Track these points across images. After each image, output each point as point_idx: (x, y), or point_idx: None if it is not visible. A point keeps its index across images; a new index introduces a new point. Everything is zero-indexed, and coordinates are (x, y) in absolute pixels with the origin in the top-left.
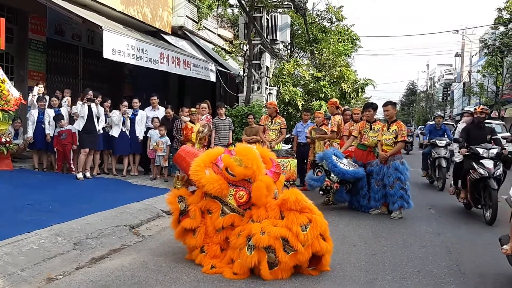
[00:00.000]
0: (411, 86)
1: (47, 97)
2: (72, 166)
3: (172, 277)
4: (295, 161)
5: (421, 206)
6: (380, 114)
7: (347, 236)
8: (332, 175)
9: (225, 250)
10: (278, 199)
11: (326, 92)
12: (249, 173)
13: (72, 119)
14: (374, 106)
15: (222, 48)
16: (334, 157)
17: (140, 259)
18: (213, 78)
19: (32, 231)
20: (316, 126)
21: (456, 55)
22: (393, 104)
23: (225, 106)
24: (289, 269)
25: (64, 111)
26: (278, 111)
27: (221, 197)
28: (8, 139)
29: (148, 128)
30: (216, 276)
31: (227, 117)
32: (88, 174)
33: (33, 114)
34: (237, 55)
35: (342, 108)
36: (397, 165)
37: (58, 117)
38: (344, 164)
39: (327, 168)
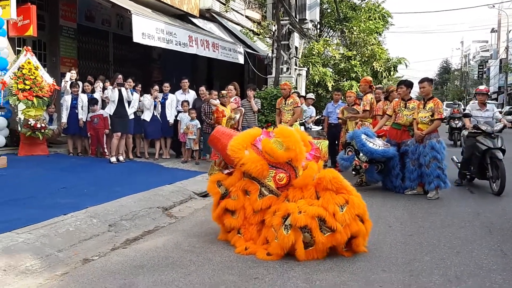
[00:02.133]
0: (444, 64)
1: (80, 83)
2: (105, 150)
3: (206, 258)
4: (327, 142)
5: (459, 186)
6: (413, 93)
7: (382, 217)
8: (361, 154)
9: (260, 231)
10: (314, 180)
11: (358, 71)
12: (291, 155)
13: (104, 104)
14: (407, 83)
15: (250, 30)
16: (363, 136)
17: (173, 240)
18: (241, 60)
19: (68, 213)
20: (347, 106)
21: (492, 30)
22: (430, 80)
23: (256, 88)
24: (325, 250)
25: (97, 96)
26: (291, 91)
27: (260, 179)
28: (43, 125)
29: (178, 112)
30: (249, 257)
31: (256, 98)
32: (121, 158)
33: (67, 100)
34: (265, 37)
35: (374, 87)
36: (433, 143)
37: (92, 101)
38: (373, 144)
39: (356, 148)
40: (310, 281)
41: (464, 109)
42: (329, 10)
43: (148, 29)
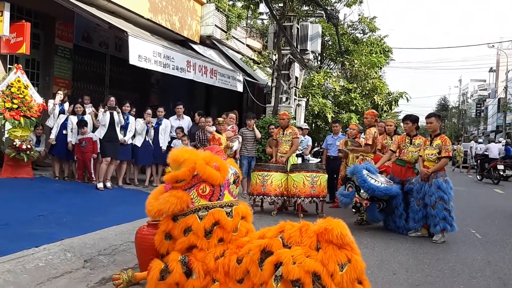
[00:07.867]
0: (442, 101)
1: (67, 104)
2: (93, 175)
3: None
4: (326, 176)
5: (463, 229)
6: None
7: (385, 261)
8: (362, 191)
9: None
10: (318, 226)
11: (357, 104)
12: (191, 165)
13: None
14: (412, 118)
15: (251, 59)
16: (364, 172)
17: None
18: (240, 88)
19: (40, 245)
20: (349, 138)
21: (491, 70)
22: (437, 116)
23: (255, 117)
24: None
25: (88, 118)
26: (290, 121)
27: (190, 208)
28: (29, 146)
29: (172, 138)
30: None
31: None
32: (108, 184)
33: (61, 118)
34: (266, 66)
35: (378, 121)
36: (440, 183)
37: (81, 123)
38: (375, 180)
39: (357, 184)
40: None
41: None
42: (330, 43)
43: (145, 52)
